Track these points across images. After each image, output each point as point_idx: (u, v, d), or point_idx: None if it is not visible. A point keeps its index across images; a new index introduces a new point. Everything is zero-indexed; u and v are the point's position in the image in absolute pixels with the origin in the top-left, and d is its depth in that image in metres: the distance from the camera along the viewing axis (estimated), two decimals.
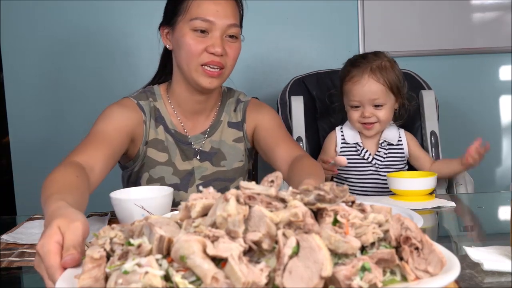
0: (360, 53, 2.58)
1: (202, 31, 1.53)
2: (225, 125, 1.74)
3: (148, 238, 0.70)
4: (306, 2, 2.63)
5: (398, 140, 1.99)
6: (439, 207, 1.49)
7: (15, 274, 1.07)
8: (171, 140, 1.66)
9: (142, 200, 1.25)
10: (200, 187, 0.80)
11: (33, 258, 1.04)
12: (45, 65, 2.62)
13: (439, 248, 0.72)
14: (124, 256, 0.69)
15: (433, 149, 2.11)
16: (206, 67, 1.54)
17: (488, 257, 0.95)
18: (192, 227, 0.72)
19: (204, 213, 0.75)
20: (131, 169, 1.68)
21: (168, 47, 1.64)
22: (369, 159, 1.96)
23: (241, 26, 1.65)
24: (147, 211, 1.23)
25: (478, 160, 1.78)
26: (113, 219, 1.41)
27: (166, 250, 0.69)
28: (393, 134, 2.00)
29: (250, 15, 2.56)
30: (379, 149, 1.96)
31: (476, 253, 0.97)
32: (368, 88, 1.88)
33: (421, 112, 2.14)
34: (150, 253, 0.69)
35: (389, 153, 1.97)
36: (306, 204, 0.73)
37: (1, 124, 2.67)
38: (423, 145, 2.13)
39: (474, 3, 2.65)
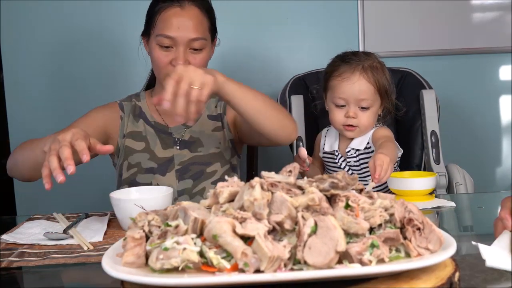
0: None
1: (167, 46, 1.73)
2: (205, 117, 1.92)
3: (183, 220, 0.85)
4: (306, 2, 2.71)
5: (367, 144, 1.93)
6: (439, 207, 1.54)
7: (15, 274, 1.09)
8: (151, 131, 1.87)
9: (142, 200, 1.31)
10: (226, 176, 0.95)
11: (33, 258, 1.15)
12: (45, 65, 2.69)
13: (438, 229, 0.87)
14: (163, 236, 0.84)
15: (434, 149, 2.15)
16: None
17: (496, 254, 0.95)
18: (220, 211, 0.87)
19: (230, 199, 0.91)
20: (119, 164, 1.89)
21: (148, 53, 1.85)
22: (346, 169, 1.97)
23: (214, 33, 1.84)
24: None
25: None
26: (112, 219, 1.48)
27: (199, 230, 0.84)
28: (363, 137, 1.95)
29: (250, 14, 2.69)
30: (348, 159, 1.95)
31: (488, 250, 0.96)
32: (358, 87, 1.85)
33: (422, 111, 2.20)
34: (186, 233, 0.83)
35: (359, 159, 1.94)
36: (321, 190, 0.89)
37: (1, 124, 2.73)
38: (423, 144, 2.20)
39: (474, 3, 2.74)
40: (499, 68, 2.82)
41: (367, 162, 1.89)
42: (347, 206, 0.88)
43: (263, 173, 0.92)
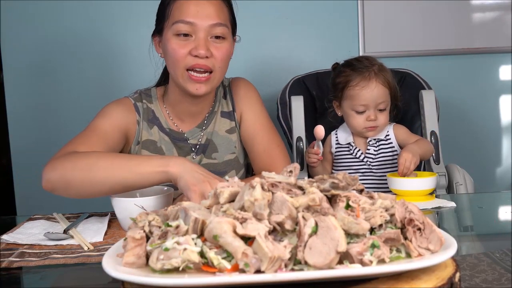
0: (360, 53, 2.71)
1: (185, 35, 1.56)
2: (218, 115, 1.78)
3: (184, 221, 0.85)
4: (306, 2, 2.73)
5: (386, 135, 2.08)
6: (439, 207, 1.54)
7: (15, 274, 1.09)
8: (166, 139, 1.72)
9: (142, 200, 1.31)
10: (227, 177, 0.95)
11: (33, 259, 1.15)
12: (45, 66, 2.70)
13: (438, 229, 0.87)
14: (163, 236, 0.84)
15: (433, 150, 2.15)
16: (192, 72, 1.56)
17: None
18: (220, 212, 0.87)
19: (231, 200, 0.91)
20: None
21: (160, 55, 1.69)
22: (361, 157, 2.07)
23: (234, 26, 1.70)
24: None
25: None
26: (113, 219, 1.48)
27: (200, 230, 0.84)
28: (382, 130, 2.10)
29: (250, 15, 2.69)
30: (368, 147, 2.07)
31: None
32: (377, 92, 1.98)
33: (421, 112, 2.22)
34: (186, 233, 0.83)
35: (379, 149, 2.07)
36: (322, 191, 0.89)
37: (1, 124, 2.74)
38: None
39: (474, 3, 2.76)
40: (499, 68, 2.84)
41: (385, 153, 2.06)
42: (348, 206, 0.88)
43: (264, 173, 0.92)
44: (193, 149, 1.74)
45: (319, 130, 1.83)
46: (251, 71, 2.75)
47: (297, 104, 2.29)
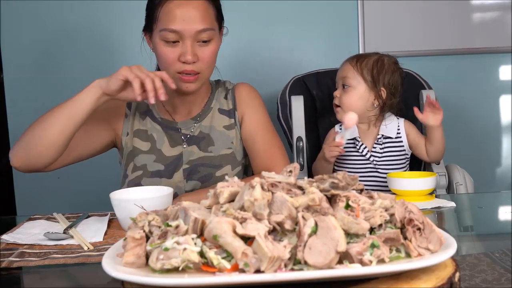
0: (360, 52, 2.71)
1: (173, 41, 1.63)
2: (216, 112, 1.82)
3: (184, 220, 0.85)
4: (306, 2, 2.72)
5: (397, 133, 2.08)
6: (439, 207, 1.53)
7: (15, 274, 1.09)
8: (158, 128, 1.78)
9: (142, 200, 1.31)
10: (226, 177, 0.95)
11: (33, 258, 1.14)
12: (45, 65, 2.70)
13: (438, 229, 0.87)
14: (163, 236, 0.84)
15: None
16: (182, 74, 1.65)
17: None
18: (220, 212, 0.87)
19: (231, 199, 0.91)
20: (123, 164, 1.81)
21: (152, 49, 1.76)
22: (367, 156, 2.06)
23: (221, 21, 1.74)
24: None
25: (434, 113, 1.98)
26: (113, 219, 1.49)
27: (200, 230, 0.84)
28: (392, 126, 2.09)
29: (250, 15, 2.69)
30: (375, 145, 2.07)
31: None
32: (341, 68, 2.10)
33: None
34: (186, 233, 0.83)
35: (386, 147, 2.06)
36: (321, 190, 0.89)
37: (1, 124, 2.73)
38: None
39: (474, 3, 2.75)
40: (499, 68, 2.83)
41: (392, 153, 2.07)
42: (348, 206, 0.88)
43: (264, 173, 0.92)
44: (183, 138, 1.78)
45: (348, 118, 1.70)
46: (252, 71, 2.74)
47: (297, 104, 2.29)
